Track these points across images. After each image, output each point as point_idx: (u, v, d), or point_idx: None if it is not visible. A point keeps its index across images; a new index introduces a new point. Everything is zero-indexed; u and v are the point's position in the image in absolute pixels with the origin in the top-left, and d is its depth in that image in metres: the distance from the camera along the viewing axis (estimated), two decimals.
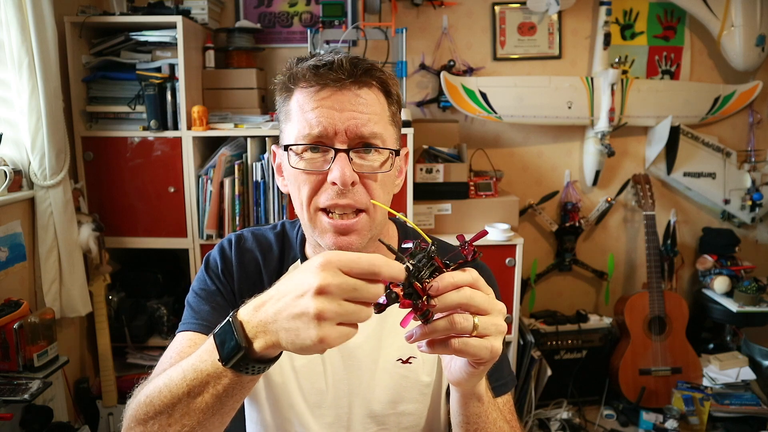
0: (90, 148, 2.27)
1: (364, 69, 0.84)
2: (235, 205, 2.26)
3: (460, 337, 0.63)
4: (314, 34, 2.36)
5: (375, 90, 0.86)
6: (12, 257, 1.92)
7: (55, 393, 2.03)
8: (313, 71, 0.83)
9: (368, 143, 0.84)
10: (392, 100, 0.89)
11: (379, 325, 0.94)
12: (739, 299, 2.54)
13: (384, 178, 0.86)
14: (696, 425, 2.44)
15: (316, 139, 0.83)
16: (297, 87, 0.86)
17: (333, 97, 0.83)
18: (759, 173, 2.80)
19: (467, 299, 0.62)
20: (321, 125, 0.82)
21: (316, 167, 0.83)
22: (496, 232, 2.29)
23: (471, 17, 2.73)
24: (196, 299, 0.95)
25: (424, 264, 0.63)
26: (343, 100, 0.82)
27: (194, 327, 0.90)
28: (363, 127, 0.82)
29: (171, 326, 2.39)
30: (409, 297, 0.62)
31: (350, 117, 0.82)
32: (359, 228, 0.85)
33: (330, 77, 0.82)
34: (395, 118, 0.90)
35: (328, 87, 0.83)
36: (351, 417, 0.95)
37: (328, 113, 0.82)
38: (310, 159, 0.84)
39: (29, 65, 1.87)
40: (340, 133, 0.82)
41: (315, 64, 0.83)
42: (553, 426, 2.51)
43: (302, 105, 0.84)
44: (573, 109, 2.65)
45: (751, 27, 2.60)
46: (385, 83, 0.87)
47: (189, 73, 2.25)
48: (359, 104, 0.83)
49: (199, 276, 0.99)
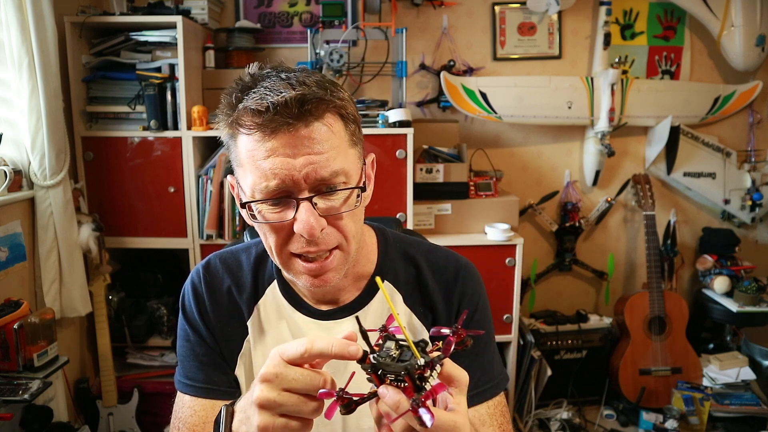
0: (90, 148, 2.27)
1: (314, 104, 0.74)
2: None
3: None
4: (314, 34, 2.36)
5: (330, 119, 0.77)
6: (12, 257, 1.92)
7: (55, 393, 2.03)
8: (257, 117, 0.74)
9: (330, 184, 0.77)
10: (348, 119, 0.81)
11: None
12: (739, 299, 2.54)
13: (352, 212, 0.81)
14: (696, 425, 2.44)
15: (276, 192, 0.76)
16: (240, 130, 0.77)
17: (284, 143, 0.74)
18: (759, 173, 2.80)
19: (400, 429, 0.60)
20: (277, 177, 0.75)
21: (280, 218, 0.78)
22: (496, 232, 2.29)
23: (471, 17, 2.73)
24: (183, 351, 0.96)
25: (393, 369, 0.58)
26: (296, 144, 0.74)
27: (190, 391, 0.93)
28: (322, 170, 0.75)
29: (171, 326, 2.39)
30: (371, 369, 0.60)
31: (307, 162, 0.75)
32: (334, 266, 0.82)
33: (277, 122, 0.73)
34: (354, 137, 0.82)
35: (278, 132, 0.74)
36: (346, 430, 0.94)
37: (282, 162, 0.74)
38: (271, 211, 0.78)
39: (29, 65, 1.87)
40: (299, 181, 0.75)
41: (257, 109, 0.73)
42: (553, 426, 2.51)
43: (252, 153, 0.76)
44: (573, 109, 2.65)
45: (751, 27, 2.60)
46: (338, 110, 0.79)
47: (189, 73, 2.25)
48: (314, 144, 0.75)
49: (180, 322, 0.97)
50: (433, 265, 0.97)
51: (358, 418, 0.93)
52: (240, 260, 0.98)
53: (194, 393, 0.92)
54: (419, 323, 0.94)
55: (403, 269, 0.96)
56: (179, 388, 0.95)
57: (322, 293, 0.92)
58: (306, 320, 0.93)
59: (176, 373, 0.96)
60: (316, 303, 0.94)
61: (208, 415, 0.90)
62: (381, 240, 0.97)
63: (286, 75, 0.77)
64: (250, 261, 0.97)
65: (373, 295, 0.94)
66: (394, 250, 0.97)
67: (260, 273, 0.96)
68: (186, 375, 0.94)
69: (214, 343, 0.94)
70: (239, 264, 0.97)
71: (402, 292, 0.95)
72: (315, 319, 0.93)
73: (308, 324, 0.93)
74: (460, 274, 0.96)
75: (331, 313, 0.93)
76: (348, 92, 0.83)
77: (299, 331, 0.93)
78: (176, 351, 0.98)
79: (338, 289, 0.93)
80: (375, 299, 0.94)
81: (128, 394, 2.29)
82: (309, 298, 0.94)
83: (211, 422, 0.83)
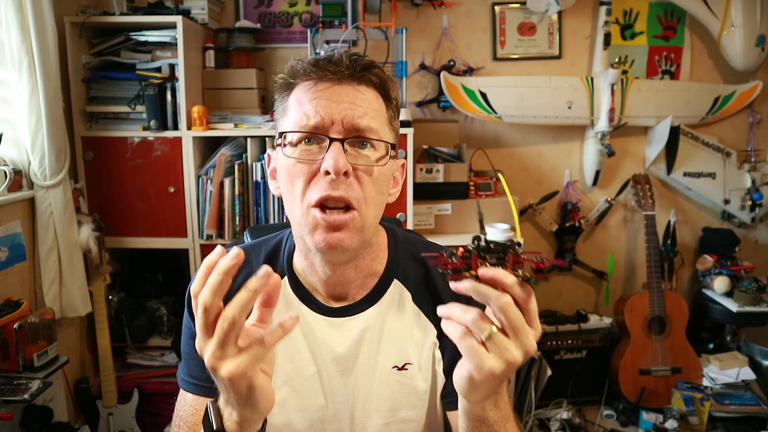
0: (90, 148, 2.27)
1: (363, 65, 0.84)
2: (235, 205, 2.26)
3: (468, 336, 0.61)
4: (314, 34, 2.36)
5: (373, 89, 0.86)
6: (12, 257, 1.92)
7: (55, 393, 2.03)
8: (313, 64, 0.84)
9: (364, 136, 0.83)
10: (390, 103, 0.88)
11: (377, 332, 0.93)
12: (739, 299, 2.54)
13: (379, 175, 0.84)
14: (696, 425, 2.44)
15: (313, 129, 0.82)
16: (298, 82, 0.86)
17: (331, 89, 0.83)
18: (759, 173, 2.80)
19: (498, 306, 0.59)
20: (318, 115, 0.81)
21: (310, 157, 0.82)
22: (496, 232, 2.29)
23: (471, 17, 2.73)
24: (187, 349, 0.95)
25: (496, 250, 0.61)
26: (340, 92, 0.83)
27: (191, 389, 0.93)
28: (359, 119, 0.82)
29: (171, 326, 2.39)
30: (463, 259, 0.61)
31: (347, 108, 0.82)
32: (351, 225, 0.82)
33: (329, 70, 0.82)
34: (393, 123, 0.89)
35: (326, 79, 0.83)
36: (353, 429, 0.94)
37: (325, 104, 0.82)
38: (304, 150, 0.83)
39: (29, 65, 1.87)
40: (336, 123, 0.81)
41: (315, 59, 0.85)
42: (553, 426, 2.51)
43: (300, 98, 0.85)
44: (573, 109, 2.65)
45: (751, 27, 2.60)
46: (384, 85, 0.87)
47: (189, 73, 2.25)
48: (357, 98, 0.83)
49: (185, 319, 0.97)
50: None
51: (365, 415, 0.94)
52: (249, 258, 0.97)
53: (197, 391, 0.92)
54: (428, 322, 0.95)
55: (412, 269, 0.97)
56: (182, 386, 0.94)
57: (337, 281, 0.91)
58: (315, 316, 0.93)
59: (179, 370, 0.96)
60: (325, 299, 0.94)
61: None
62: (391, 239, 0.98)
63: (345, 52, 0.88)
64: (260, 259, 0.97)
65: (384, 292, 0.94)
66: (403, 250, 0.98)
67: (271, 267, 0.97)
68: (189, 373, 0.94)
69: None
70: (248, 262, 0.96)
71: (411, 291, 0.95)
72: (324, 315, 0.93)
73: (317, 319, 0.93)
74: None
75: (340, 309, 0.93)
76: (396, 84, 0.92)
77: (308, 326, 0.92)
78: (180, 348, 0.98)
79: (348, 283, 0.92)
80: (385, 297, 0.94)
81: (128, 394, 2.29)
82: (320, 295, 0.94)
83: None
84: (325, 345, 0.92)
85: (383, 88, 0.87)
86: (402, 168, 0.95)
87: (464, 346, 0.61)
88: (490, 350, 0.61)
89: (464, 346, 0.61)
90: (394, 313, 0.94)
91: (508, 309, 0.59)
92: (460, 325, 0.62)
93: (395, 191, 0.93)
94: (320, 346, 0.92)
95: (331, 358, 0.92)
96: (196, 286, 0.62)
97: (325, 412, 0.93)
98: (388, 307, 0.94)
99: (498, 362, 0.60)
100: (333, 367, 0.92)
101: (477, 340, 0.61)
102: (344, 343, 0.92)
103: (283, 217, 2.28)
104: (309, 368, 0.92)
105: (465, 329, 0.61)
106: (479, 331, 0.60)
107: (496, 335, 0.60)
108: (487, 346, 0.61)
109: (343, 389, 0.93)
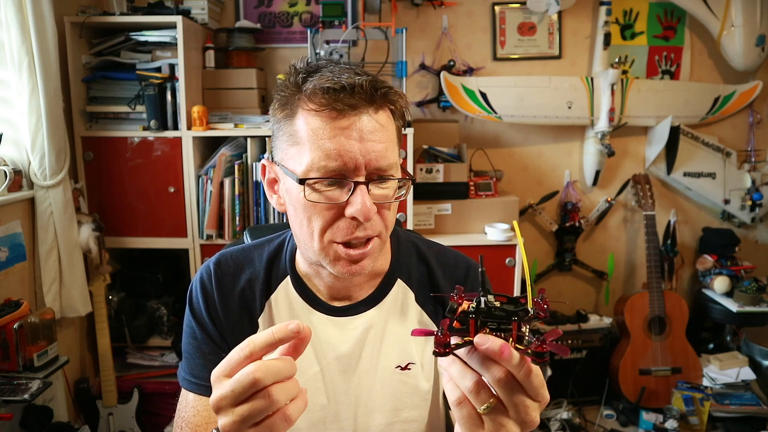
0: (90, 148, 2.27)
1: (384, 92, 0.79)
2: (235, 205, 2.26)
3: (465, 404, 0.57)
4: (314, 34, 2.36)
5: (388, 113, 0.82)
6: (12, 257, 1.92)
7: (55, 393, 2.03)
8: (330, 95, 0.76)
9: (385, 176, 0.80)
10: (399, 119, 0.86)
11: (380, 332, 0.93)
12: (739, 299, 2.54)
13: (396, 204, 0.85)
14: (696, 425, 2.44)
15: (332, 172, 0.77)
16: (306, 108, 0.79)
17: (352, 126, 0.77)
18: (759, 173, 2.80)
19: (493, 381, 0.55)
20: (341, 158, 0.76)
21: (333, 199, 0.79)
22: (496, 232, 2.29)
23: (471, 17, 2.73)
24: (189, 348, 0.94)
25: (499, 315, 0.54)
26: (362, 129, 0.77)
27: (193, 389, 0.92)
28: (382, 159, 0.78)
29: (171, 326, 2.39)
30: (461, 323, 0.55)
31: (371, 149, 0.77)
32: (371, 253, 0.84)
33: (348, 102, 0.76)
34: (399, 133, 0.87)
35: (346, 113, 0.76)
36: (356, 429, 0.94)
37: (347, 144, 0.76)
38: (325, 191, 0.79)
39: (29, 65, 1.87)
40: (360, 166, 0.77)
41: (331, 87, 0.76)
42: (553, 426, 2.51)
43: (316, 131, 0.77)
44: (573, 109, 2.65)
45: (751, 27, 2.60)
46: (399, 106, 0.83)
47: (189, 73, 2.25)
48: (377, 132, 0.78)
49: (186, 319, 0.96)
50: (444, 265, 0.98)
51: (367, 415, 0.94)
52: (252, 257, 0.97)
53: (198, 391, 0.92)
54: (430, 321, 0.95)
55: (415, 268, 0.98)
56: (183, 385, 0.94)
57: (342, 286, 0.92)
58: (320, 316, 0.93)
59: (180, 369, 0.95)
60: (329, 299, 0.94)
61: (212, 415, 0.89)
62: (394, 239, 0.99)
63: (346, 65, 0.81)
64: (263, 258, 0.97)
65: (388, 291, 0.95)
66: (406, 250, 0.99)
67: (273, 269, 0.96)
68: (191, 372, 0.93)
69: (222, 341, 0.94)
70: (251, 261, 0.97)
71: (414, 290, 0.96)
72: (328, 315, 0.93)
73: (321, 319, 0.93)
74: (470, 274, 0.99)
75: (344, 309, 0.93)
76: None
77: (312, 327, 0.91)
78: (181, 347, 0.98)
79: (353, 286, 0.93)
80: (389, 296, 0.95)
81: (128, 394, 2.29)
82: (323, 294, 0.94)
83: (214, 422, 0.83)
84: (328, 344, 0.92)
85: (396, 109, 0.84)
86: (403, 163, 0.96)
87: (458, 415, 0.58)
88: (486, 425, 0.57)
89: (458, 414, 0.58)
90: (398, 313, 0.94)
91: (505, 385, 0.54)
92: (458, 389, 0.57)
93: None
94: (323, 346, 0.92)
95: (333, 358, 0.92)
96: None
97: (327, 411, 0.93)
98: (391, 306, 0.94)
99: None
100: (336, 367, 0.92)
101: (473, 409, 0.57)
102: (347, 342, 0.92)
103: (284, 217, 2.28)
104: (312, 368, 0.92)
105: (462, 395, 0.57)
106: (476, 403, 0.56)
107: (495, 410, 0.56)
108: (483, 419, 0.57)
109: (345, 389, 0.93)
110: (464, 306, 0.55)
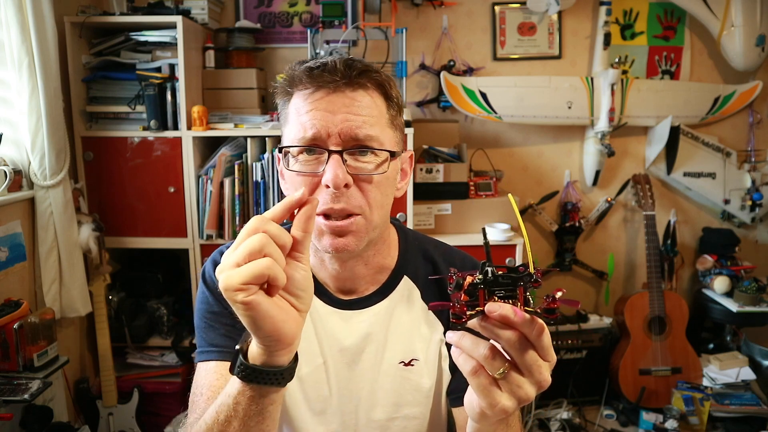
0: (90, 148, 2.27)
1: (359, 71, 0.82)
2: (235, 205, 2.26)
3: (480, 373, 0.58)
4: (314, 34, 2.36)
5: (372, 92, 0.85)
6: (12, 257, 1.92)
7: (55, 393, 2.03)
8: (308, 73, 0.82)
9: (363, 145, 0.82)
10: (392, 103, 0.88)
11: (385, 327, 0.94)
12: (739, 299, 2.54)
13: (381, 180, 0.84)
14: (696, 425, 2.44)
15: (310, 141, 0.82)
16: (295, 90, 0.85)
17: (327, 98, 0.82)
18: (759, 173, 2.80)
19: (507, 345, 0.57)
20: (315, 127, 0.81)
21: (311, 169, 0.82)
22: (496, 232, 2.29)
23: (471, 17, 2.73)
24: (206, 324, 0.94)
25: (505, 283, 0.57)
26: (336, 102, 0.81)
27: (214, 356, 0.90)
28: (357, 129, 0.81)
29: (171, 326, 2.39)
30: (469, 294, 0.57)
31: (344, 119, 0.81)
32: (355, 230, 0.83)
33: (324, 79, 0.81)
34: (395, 121, 0.88)
35: (323, 89, 0.82)
36: (357, 422, 0.95)
37: (321, 115, 0.81)
38: (304, 161, 0.83)
39: (29, 65, 1.87)
40: (334, 135, 0.81)
41: (310, 66, 0.83)
42: (553, 426, 2.51)
43: (298, 108, 0.84)
44: (573, 109, 2.65)
45: (751, 27, 2.60)
46: (382, 85, 0.86)
47: (189, 73, 2.25)
48: (354, 107, 0.82)
49: (201, 297, 0.96)
50: (450, 265, 0.99)
51: (369, 409, 0.95)
52: None
53: (220, 357, 0.89)
54: (435, 319, 0.96)
55: (422, 266, 0.99)
56: (203, 358, 0.92)
57: (346, 277, 0.93)
58: (326, 308, 0.94)
59: (197, 350, 0.94)
60: (336, 292, 0.95)
61: None
62: (401, 237, 1.00)
63: (339, 55, 0.87)
64: None
65: (393, 288, 0.96)
66: (413, 247, 1.00)
67: None
68: (210, 343, 0.92)
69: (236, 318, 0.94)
70: None
71: (420, 288, 0.97)
72: (335, 307, 0.94)
73: (328, 311, 0.94)
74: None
75: (351, 302, 0.95)
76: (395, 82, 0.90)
77: (319, 318, 0.94)
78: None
79: (358, 278, 0.94)
80: (395, 292, 0.96)
81: (128, 394, 2.29)
82: (330, 287, 0.95)
83: None
84: (333, 337, 0.93)
85: (382, 88, 0.86)
86: (410, 159, 0.96)
87: (475, 384, 0.59)
88: (503, 388, 0.58)
89: (475, 383, 0.59)
90: (403, 308, 0.96)
91: (518, 347, 0.56)
92: (471, 359, 0.59)
93: (403, 184, 0.93)
94: (328, 338, 0.93)
95: (338, 350, 0.93)
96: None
97: (329, 403, 0.94)
98: (397, 302, 0.96)
99: (511, 401, 0.59)
100: (340, 359, 0.94)
101: (489, 377, 0.58)
102: (352, 335, 0.93)
103: None
104: (316, 359, 0.93)
105: (476, 365, 0.58)
106: (491, 369, 0.58)
107: (510, 373, 0.58)
108: (499, 384, 0.59)
109: (348, 382, 0.94)
110: (470, 279, 0.58)
